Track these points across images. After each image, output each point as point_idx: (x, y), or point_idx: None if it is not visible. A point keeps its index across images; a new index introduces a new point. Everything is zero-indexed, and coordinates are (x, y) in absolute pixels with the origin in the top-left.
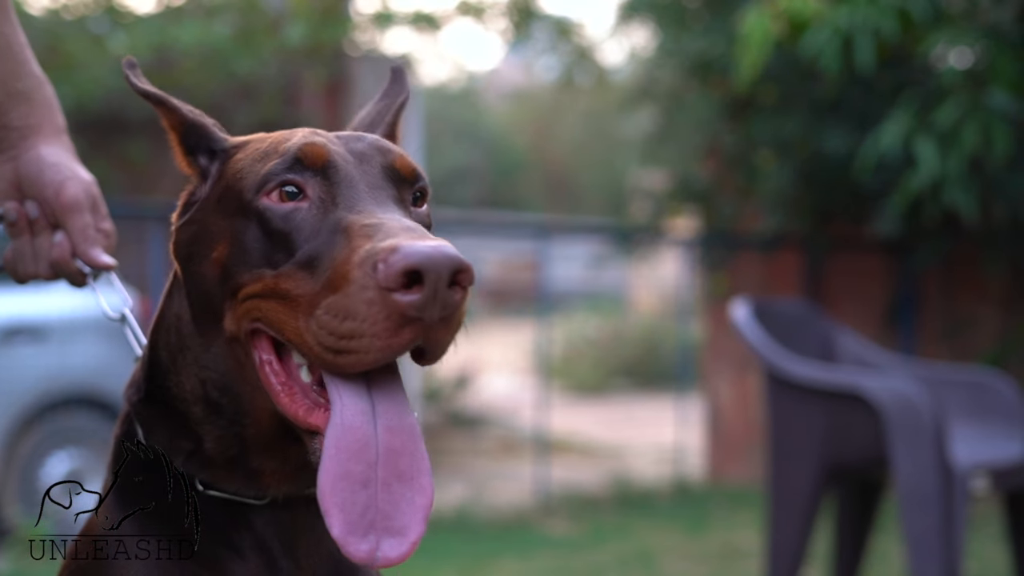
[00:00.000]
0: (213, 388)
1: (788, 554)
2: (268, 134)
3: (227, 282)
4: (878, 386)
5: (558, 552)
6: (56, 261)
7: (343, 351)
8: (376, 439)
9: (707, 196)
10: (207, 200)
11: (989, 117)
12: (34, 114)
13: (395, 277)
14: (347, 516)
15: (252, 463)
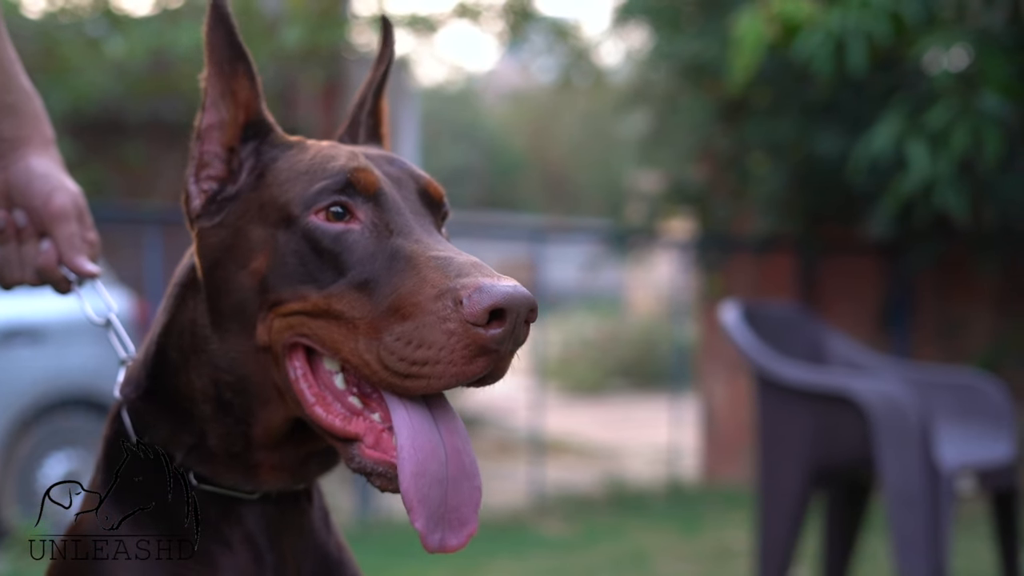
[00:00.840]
0: (227, 389)
1: (777, 553)
2: (308, 141)
3: (265, 295)
4: (865, 388)
5: (552, 552)
6: (42, 268)
7: (413, 376)
8: (442, 441)
9: (701, 198)
10: (245, 204)
11: (980, 120)
12: (23, 126)
13: (481, 313)
14: (428, 511)
15: (253, 459)
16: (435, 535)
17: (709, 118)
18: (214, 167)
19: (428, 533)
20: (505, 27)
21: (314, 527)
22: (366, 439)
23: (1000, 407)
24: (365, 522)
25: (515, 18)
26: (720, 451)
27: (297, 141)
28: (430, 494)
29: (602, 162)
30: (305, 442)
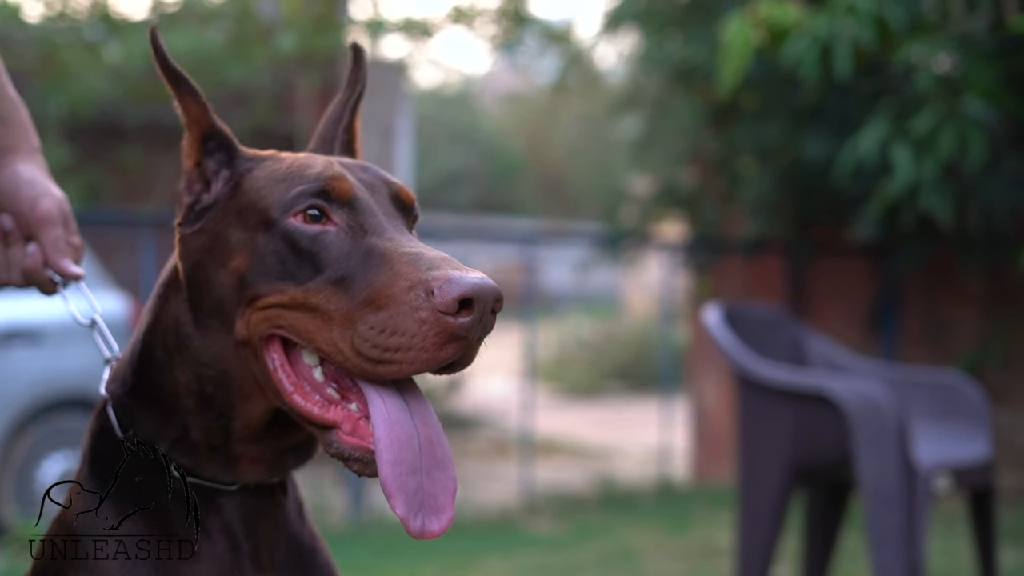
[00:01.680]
0: (209, 383)
1: (758, 552)
2: (280, 153)
3: (244, 291)
4: (843, 388)
5: (541, 550)
6: (29, 270)
7: (384, 361)
8: (416, 432)
9: (691, 201)
10: (223, 211)
11: (964, 124)
12: (10, 135)
13: (451, 303)
14: (406, 498)
15: (233, 451)
16: (416, 521)
17: (699, 122)
18: (191, 180)
19: (410, 519)
20: (498, 31)
21: (288, 517)
22: (344, 426)
23: (977, 407)
24: (358, 521)
25: (508, 22)
26: (710, 451)
27: (271, 153)
28: (407, 482)
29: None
30: (282, 436)
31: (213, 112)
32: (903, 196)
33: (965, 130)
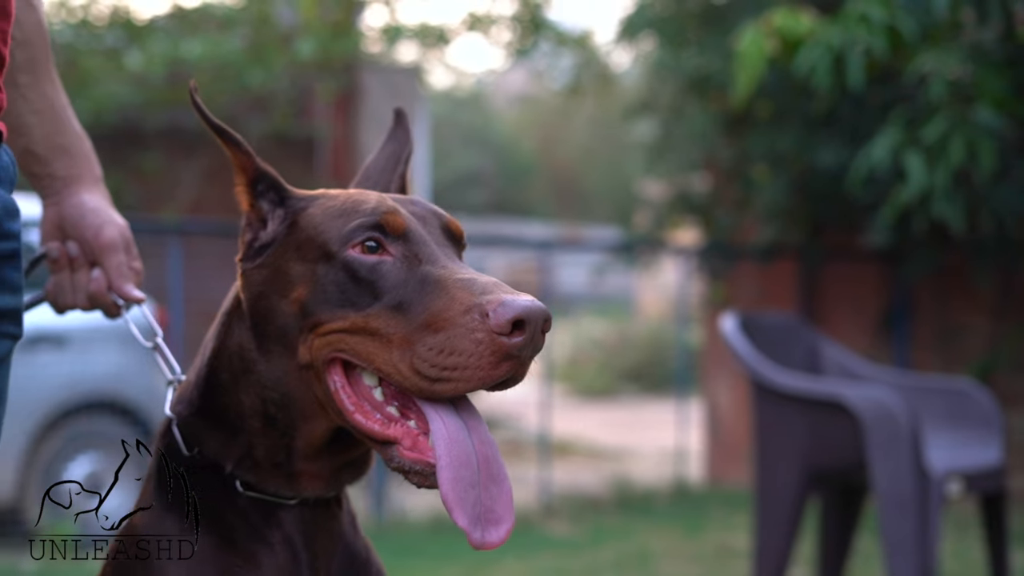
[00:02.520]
0: (272, 405)
1: (775, 555)
2: (334, 191)
3: (306, 319)
4: (857, 395)
5: (558, 552)
6: (94, 294)
7: (443, 379)
8: (473, 450)
9: (705, 208)
10: (283, 247)
11: (975, 132)
12: (75, 165)
13: (505, 324)
14: (467, 512)
15: (295, 468)
16: (477, 532)
17: (713, 130)
18: (249, 220)
19: (471, 531)
20: (514, 38)
21: (343, 529)
22: (404, 442)
23: (989, 413)
24: (380, 523)
25: (523, 29)
26: (724, 454)
27: (321, 192)
28: (467, 497)
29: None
30: (340, 453)
31: (258, 158)
32: (915, 203)
33: (975, 138)
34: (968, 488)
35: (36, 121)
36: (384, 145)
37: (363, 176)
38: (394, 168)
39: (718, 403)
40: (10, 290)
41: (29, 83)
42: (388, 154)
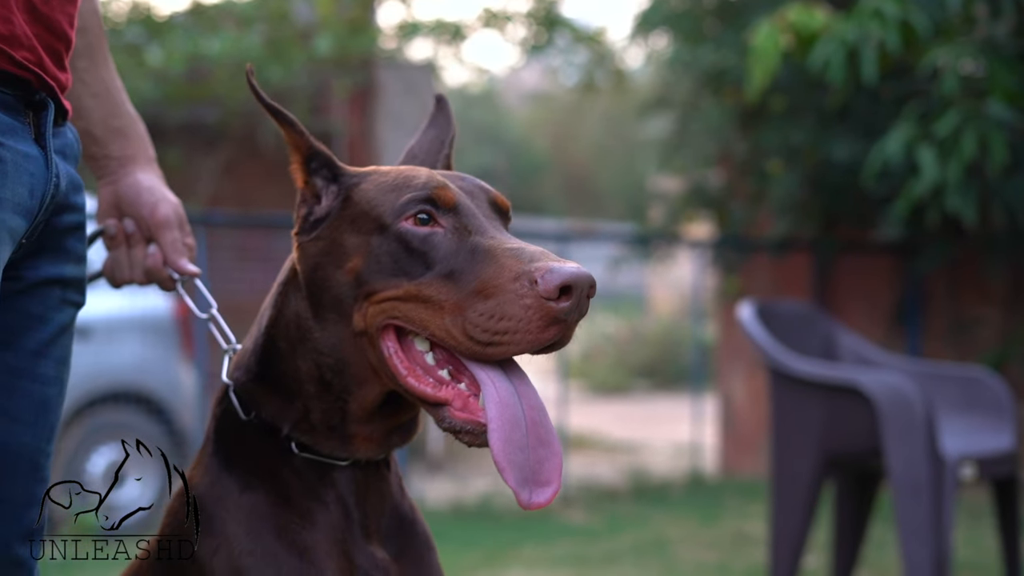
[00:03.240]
0: (328, 371)
1: (791, 540)
2: (385, 168)
3: (360, 287)
4: (873, 381)
5: (576, 540)
6: (150, 269)
7: (494, 343)
8: (523, 413)
9: (720, 201)
10: (337, 221)
11: (987, 126)
12: (130, 146)
13: (553, 289)
14: (516, 473)
15: (348, 430)
16: (525, 493)
17: (727, 124)
18: (304, 196)
19: (520, 491)
20: (529, 34)
21: (392, 490)
22: (455, 403)
23: (1002, 400)
24: None
25: (538, 25)
26: (739, 446)
27: (373, 168)
28: (516, 459)
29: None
30: (392, 416)
31: (311, 137)
32: (928, 196)
33: (987, 132)
34: (981, 473)
35: (94, 104)
36: (426, 129)
37: (408, 156)
38: (439, 150)
39: (732, 395)
40: (75, 260)
41: (87, 68)
42: (431, 137)
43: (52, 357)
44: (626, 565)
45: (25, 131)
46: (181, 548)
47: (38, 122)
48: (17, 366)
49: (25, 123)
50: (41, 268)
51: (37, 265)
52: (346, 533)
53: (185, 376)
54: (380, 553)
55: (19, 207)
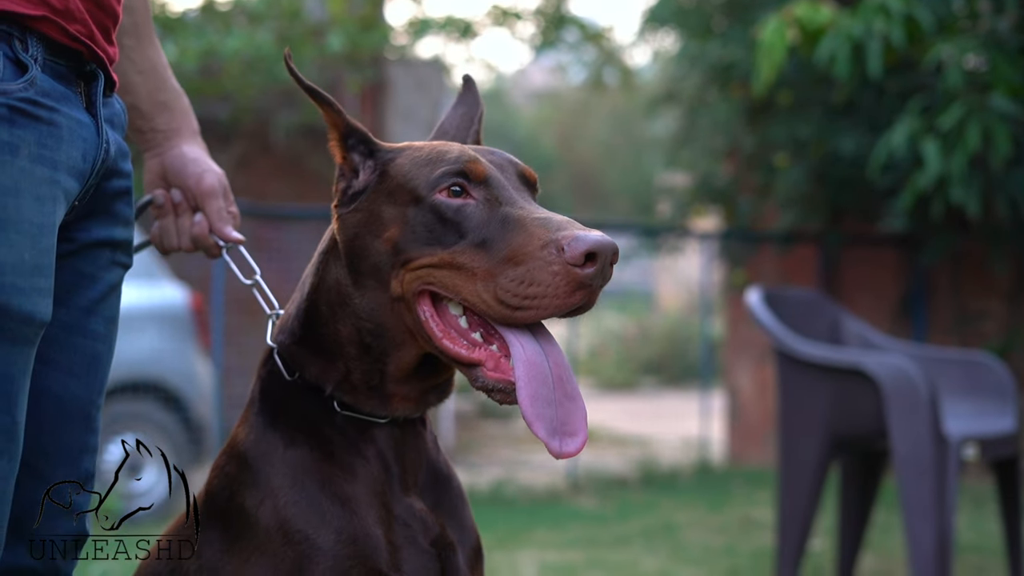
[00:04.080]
0: (367, 334)
1: (798, 519)
2: (418, 143)
3: (398, 256)
4: (878, 363)
5: (587, 524)
6: (197, 237)
7: (523, 308)
8: (550, 370)
9: (727, 195)
10: (375, 193)
11: (990, 119)
12: (175, 119)
13: (579, 256)
14: (545, 425)
15: (387, 390)
16: (555, 443)
17: (735, 119)
18: (343, 171)
19: (549, 441)
20: (537, 31)
21: (428, 447)
22: (487, 364)
23: (1004, 384)
24: None
25: (547, 23)
26: (745, 437)
27: (407, 144)
28: (544, 413)
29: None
30: (428, 377)
31: (348, 115)
32: (932, 188)
33: (991, 124)
34: (983, 453)
35: (140, 80)
36: (455, 107)
37: (440, 132)
38: (469, 126)
39: (739, 387)
40: (123, 223)
41: (133, 45)
42: (461, 114)
43: (102, 315)
44: (636, 548)
45: (77, 100)
46: (230, 499)
47: (89, 92)
48: (70, 322)
49: (77, 92)
50: (92, 231)
51: (88, 228)
52: (385, 486)
53: (201, 367)
54: (418, 504)
55: (73, 169)
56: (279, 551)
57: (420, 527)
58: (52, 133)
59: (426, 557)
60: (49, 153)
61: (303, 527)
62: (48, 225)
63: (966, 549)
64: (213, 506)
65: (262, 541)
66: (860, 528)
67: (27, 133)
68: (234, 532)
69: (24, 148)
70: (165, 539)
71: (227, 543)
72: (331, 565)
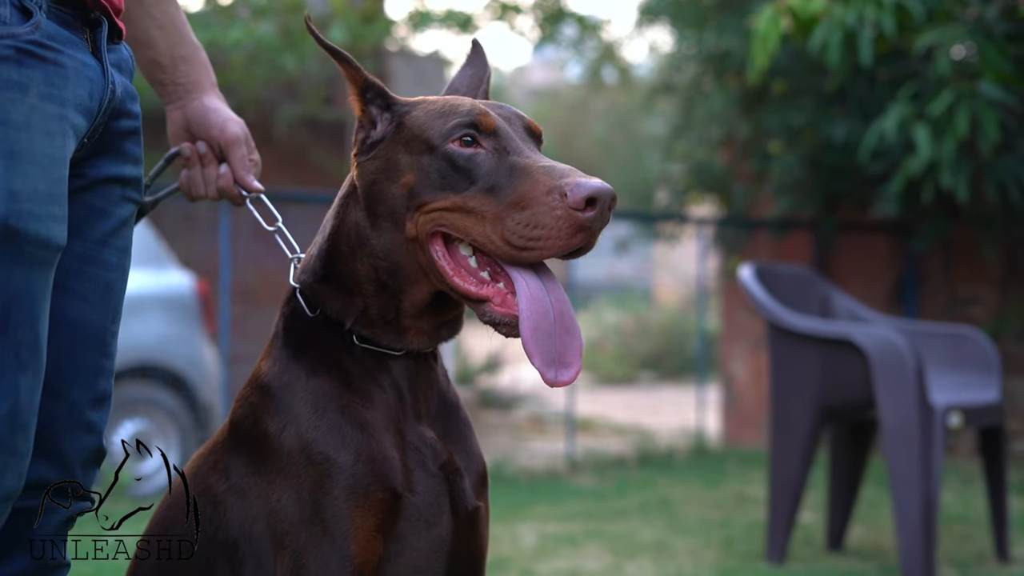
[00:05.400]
0: (383, 273)
1: (790, 485)
2: (432, 98)
3: (412, 200)
4: (866, 334)
5: (586, 500)
6: (222, 188)
7: (528, 248)
8: (551, 305)
9: (723, 183)
10: (392, 143)
11: (979, 105)
12: (194, 72)
13: (580, 201)
14: (543, 356)
15: (403, 324)
16: (551, 372)
17: (730, 108)
18: (362, 123)
19: (545, 371)
20: (535, 26)
21: (439, 379)
22: (494, 300)
23: (990, 357)
24: None
25: (545, 17)
26: (740, 423)
27: (422, 98)
28: (543, 344)
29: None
30: (440, 313)
31: (366, 72)
32: (922, 173)
33: (979, 111)
34: (967, 421)
35: (160, 35)
36: (464, 68)
37: (451, 90)
38: (477, 86)
39: (734, 374)
40: (133, 162)
41: (153, 1)
42: (470, 75)
43: (115, 246)
44: (633, 520)
45: (83, 44)
46: (254, 426)
47: (94, 37)
48: (84, 253)
49: (83, 38)
50: (103, 168)
51: (99, 165)
52: (399, 413)
53: (207, 352)
54: (428, 432)
55: (80, 107)
56: (301, 472)
57: (430, 453)
58: (59, 73)
59: (435, 480)
60: (57, 92)
61: (324, 449)
62: (60, 158)
63: (953, 519)
64: (238, 434)
65: (285, 463)
66: (849, 499)
67: (35, 73)
68: (259, 456)
69: (33, 87)
70: (195, 461)
71: (253, 467)
72: (350, 483)
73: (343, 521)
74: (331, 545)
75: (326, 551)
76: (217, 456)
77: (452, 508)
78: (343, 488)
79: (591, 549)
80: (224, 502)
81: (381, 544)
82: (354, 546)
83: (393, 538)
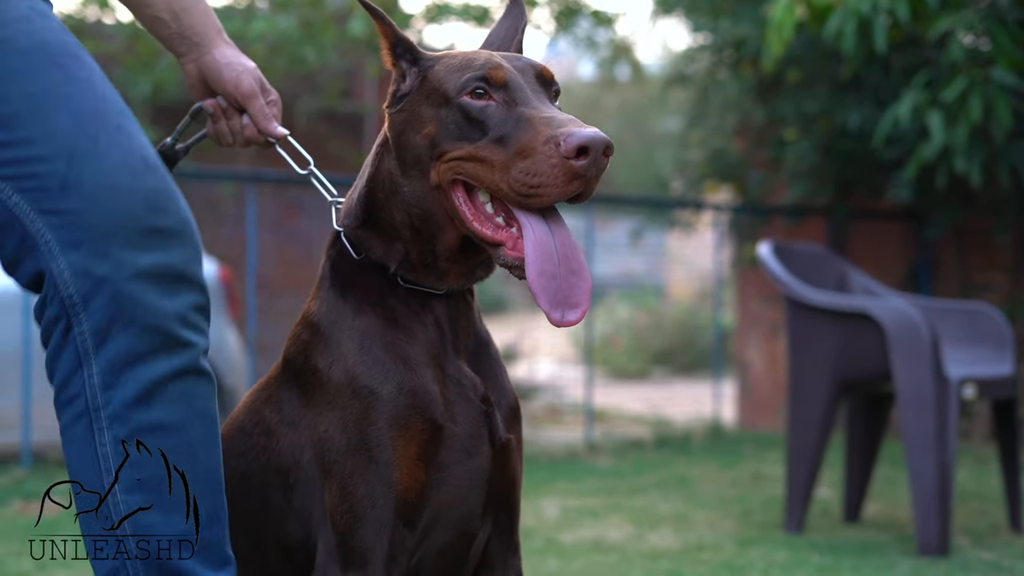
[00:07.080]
0: (416, 219)
1: (808, 458)
2: (454, 52)
3: (434, 149)
4: (882, 307)
5: (604, 478)
6: (249, 137)
7: (531, 195)
8: (555, 248)
9: (739, 171)
10: (417, 96)
11: (992, 91)
12: (197, 23)
13: (572, 150)
14: (548, 297)
15: (440, 267)
16: (556, 313)
17: (745, 96)
18: (394, 77)
19: (551, 312)
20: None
21: (474, 316)
22: (507, 244)
23: (1003, 332)
24: None
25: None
26: (755, 409)
27: (445, 52)
28: (548, 286)
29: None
30: (473, 256)
31: (397, 28)
32: (936, 159)
33: (992, 97)
34: (981, 393)
35: None
36: (502, 20)
37: (487, 43)
38: (513, 36)
39: (749, 362)
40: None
41: None
42: (507, 26)
43: None
44: (652, 496)
45: None
46: (305, 362)
47: None
48: None
49: None
50: None
51: None
52: (440, 349)
53: (231, 338)
54: (466, 368)
55: None
56: (348, 403)
57: (470, 385)
58: None
59: (476, 411)
60: None
61: (368, 382)
62: None
63: (969, 496)
64: (291, 369)
65: (333, 396)
66: (866, 473)
67: None
68: (309, 390)
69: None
70: (251, 395)
71: (304, 399)
72: (393, 414)
73: (386, 450)
74: (376, 472)
75: (371, 478)
76: (271, 390)
77: (489, 439)
78: (386, 419)
79: (613, 520)
80: (276, 432)
81: (424, 472)
82: (397, 473)
83: (436, 467)
